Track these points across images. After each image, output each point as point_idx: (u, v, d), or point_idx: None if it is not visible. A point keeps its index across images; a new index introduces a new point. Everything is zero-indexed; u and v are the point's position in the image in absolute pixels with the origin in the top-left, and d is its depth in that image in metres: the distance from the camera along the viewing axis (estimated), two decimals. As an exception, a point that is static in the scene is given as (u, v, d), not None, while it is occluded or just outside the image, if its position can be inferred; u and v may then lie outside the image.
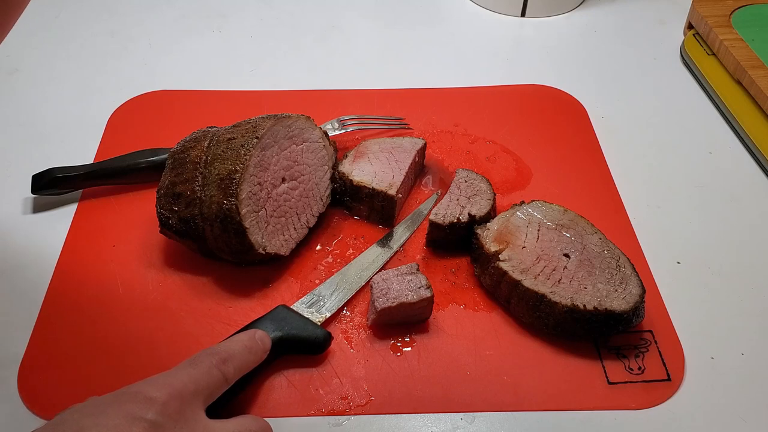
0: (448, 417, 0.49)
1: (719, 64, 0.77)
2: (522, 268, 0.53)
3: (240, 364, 0.47)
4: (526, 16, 0.90)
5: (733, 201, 0.65)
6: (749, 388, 0.51)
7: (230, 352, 0.47)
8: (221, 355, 0.46)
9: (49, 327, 0.54)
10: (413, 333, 0.54)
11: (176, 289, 0.57)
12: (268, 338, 0.50)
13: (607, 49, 0.85)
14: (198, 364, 0.45)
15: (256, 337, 0.49)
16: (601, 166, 0.68)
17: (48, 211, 0.63)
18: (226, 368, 0.45)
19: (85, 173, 0.63)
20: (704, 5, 0.82)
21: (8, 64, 0.81)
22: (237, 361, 0.47)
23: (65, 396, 0.49)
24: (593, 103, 0.75)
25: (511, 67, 0.82)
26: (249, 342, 0.49)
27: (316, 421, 0.49)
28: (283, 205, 0.57)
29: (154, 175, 0.61)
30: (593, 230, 0.57)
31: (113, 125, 0.72)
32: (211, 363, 0.45)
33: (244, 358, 0.48)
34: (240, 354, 0.47)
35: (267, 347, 0.50)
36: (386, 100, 0.75)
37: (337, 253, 0.60)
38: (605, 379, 0.51)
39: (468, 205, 0.59)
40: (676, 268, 0.59)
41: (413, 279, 0.53)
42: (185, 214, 0.54)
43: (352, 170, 0.62)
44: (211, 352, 0.46)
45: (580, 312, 0.50)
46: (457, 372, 0.51)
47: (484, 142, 0.71)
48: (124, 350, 0.52)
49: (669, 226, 0.63)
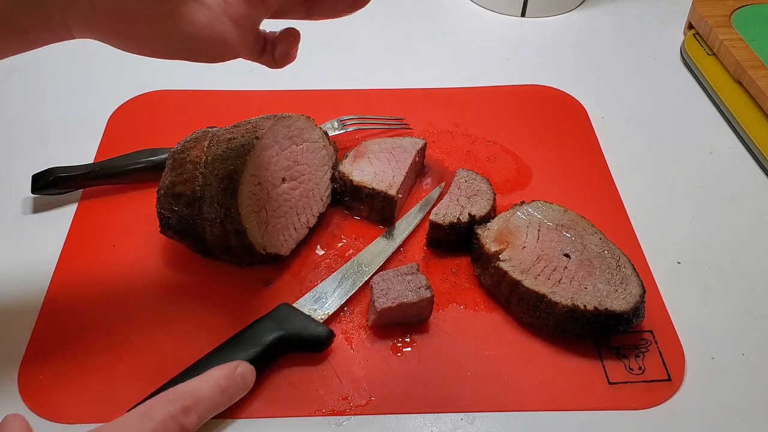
0: (449, 417, 0.49)
1: (719, 64, 0.77)
2: (522, 268, 0.53)
3: (208, 410, 0.41)
4: (526, 16, 0.90)
5: (733, 201, 0.65)
6: (749, 388, 0.51)
7: (197, 397, 0.41)
8: (184, 402, 0.40)
9: (49, 327, 0.54)
10: (413, 333, 0.54)
11: (176, 289, 0.57)
12: (252, 373, 0.45)
13: (607, 49, 0.85)
14: (152, 417, 0.38)
15: (237, 373, 0.44)
16: (601, 166, 0.68)
17: (48, 211, 0.63)
18: (187, 420, 0.39)
19: (85, 173, 0.63)
20: (704, 5, 0.82)
21: (8, 64, 0.80)
22: (204, 407, 0.41)
23: (65, 396, 0.49)
24: (593, 103, 0.75)
25: (511, 67, 0.82)
26: (225, 381, 0.43)
27: (316, 421, 0.49)
28: (283, 205, 0.57)
29: (154, 175, 0.61)
30: (593, 230, 0.57)
31: (113, 125, 0.72)
32: (169, 414, 0.39)
33: (215, 401, 0.42)
34: (210, 398, 0.41)
35: (249, 384, 0.45)
36: (386, 100, 0.75)
37: (337, 253, 0.60)
38: (605, 379, 0.51)
39: (468, 205, 0.59)
40: (676, 268, 0.59)
41: (413, 279, 0.53)
42: (185, 214, 0.54)
43: (352, 170, 0.62)
44: (173, 398, 0.40)
45: (581, 312, 0.50)
46: (457, 372, 0.51)
47: (485, 142, 0.71)
48: (124, 350, 0.52)
49: (669, 226, 0.63)
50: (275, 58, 0.45)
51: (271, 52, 0.45)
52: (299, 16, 0.46)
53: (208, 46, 0.40)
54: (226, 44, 0.41)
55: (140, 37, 0.39)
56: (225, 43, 0.40)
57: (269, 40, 0.45)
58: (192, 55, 0.40)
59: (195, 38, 0.39)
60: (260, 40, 0.45)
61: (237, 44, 0.41)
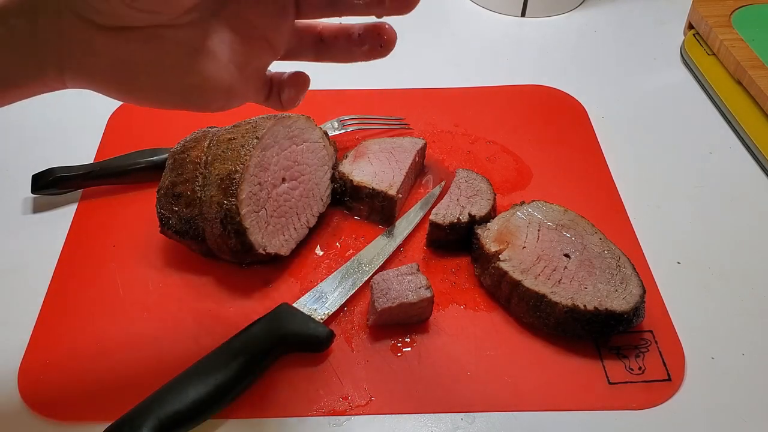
0: (449, 417, 0.49)
1: (719, 64, 0.77)
2: (522, 268, 0.53)
3: None
4: (526, 16, 0.90)
5: (733, 201, 0.65)
6: (749, 388, 0.51)
7: None
8: None
9: (49, 327, 0.54)
10: (413, 333, 0.54)
11: (176, 289, 0.57)
12: None
13: (607, 49, 0.85)
14: None
15: None
16: (601, 166, 0.68)
17: (48, 211, 0.63)
18: None
19: (85, 173, 0.63)
20: (704, 5, 0.82)
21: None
22: None
23: (65, 396, 0.49)
24: (593, 103, 0.75)
25: (511, 67, 0.82)
26: None
27: (316, 421, 0.49)
28: (283, 205, 0.57)
29: (154, 175, 0.61)
30: (593, 230, 0.57)
31: (113, 125, 0.72)
32: None
33: None
34: None
35: None
36: (386, 100, 0.75)
37: (337, 253, 0.60)
38: (605, 379, 0.51)
39: (468, 205, 0.59)
40: (676, 268, 0.59)
41: (413, 279, 0.53)
42: (185, 214, 0.54)
43: (352, 170, 0.62)
44: None
45: (581, 312, 0.50)
46: (457, 372, 0.51)
47: (485, 142, 0.71)
48: (123, 350, 0.52)
49: (669, 226, 0.63)
50: (282, 101, 0.42)
51: (278, 95, 0.42)
52: (309, 58, 0.42)
53: (213, 97, 0.38)
54: (232, 93, 0.38)
55: (141, 90, 0.37)
56: (231, 92, 0.38)
57: (276, 82, 0.42)
58: (196, 106, 0.38)
59: (200, 89, 0.37)
60: (267, 84, 0.42)
61: (244, 93, 0.39)
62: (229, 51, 0.37)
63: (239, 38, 0.38)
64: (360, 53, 0.41)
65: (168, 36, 0.35)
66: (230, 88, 0.38)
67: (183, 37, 0.35)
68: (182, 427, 0.46)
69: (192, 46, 0.36)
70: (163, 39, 0.35)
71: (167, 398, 0.46)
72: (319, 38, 0.41)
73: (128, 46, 0.34)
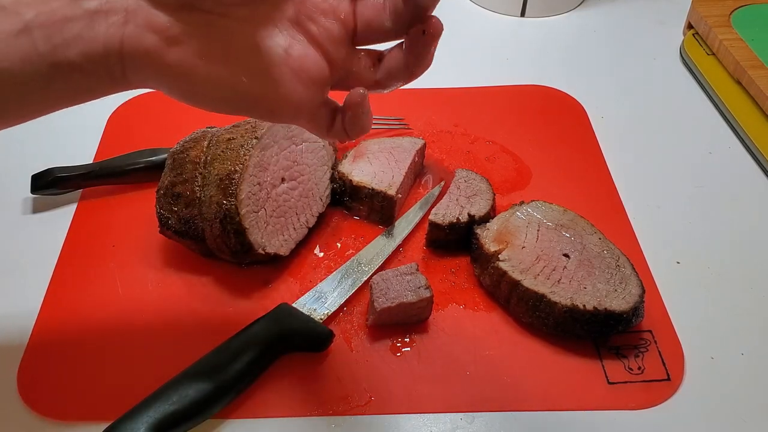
0: (448, 417, 0.49)
1: (719, 64, 0.77)
2: (522, 268, 0.54)
3: None
4: (526, 16, 0.90)
5: (733, 201, 0.65)
6: (749, 388, 0.51)
7: None
8: None
9: (49, 327, 0.54)
10: (413, 333, 0.54)
11: (176, 289, 0.57)
12: None
13: (607, 49, 0.85)
14: None
15: None
16: (600, 166, 0.68)
17: (48, 211, 0.63)
18: None
19: (84, 173, 0.63)
20: (704, 5, 0.82)
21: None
22: None
23: (65, 396, 0.50)
24: (593, 103, 0.75)
25: (511, 67, 0.82)
26: None
27: (316, 421, 0.49)
28: (282, 205, 0.57)
29: (154, 175, 0.61)
30: (593, 230, 0.57)
31: (113, 125, 0.72)
32: None
33: None
34: None
35: None
36: (386, 99, 0.75)
37: (336, 252, 0.60)
38: (605, 379, 0.51)
39: (468, 205, 0.59)
40: (676, 268, 0.59)
41: (413, 279, 0.53)
42: (185, 214, 0.54)
43: (352, 170, 0.62)
44: None
45: (580, 312, 0.50)
46: (457, 372, 0.51)
47: (484, 142, 0.71)
48: (123, 350, 0.52)
49: (669, 226, 0.63)
50: (345, 128, 0.40)
51: (341, 124, 0.40)
52: (368, 82, 0.41)
53: (279, 105, 0.38)
54: (298, 105, 0.38)
55: (209, 98, 0.36)
56: (299, 104, 0.38)
57: (338, 110, 0.41)
58: (263, 116, 0.38)
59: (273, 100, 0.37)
60: (329, 107, 0.41)
61: (308, 104, 0.39)
62: (288, 56, 0.37)
63: (301, 46, 0.37)
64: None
65: (226, 25, 0.34)
66: (298, 99, 0.38)
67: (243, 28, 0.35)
68: (182, 427, 0.46)
69: (254, 40, 0.35)
70: (220, 27, 0.34)
71: (167, 398, 0.46)
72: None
73: (192, 29, 0.34)
